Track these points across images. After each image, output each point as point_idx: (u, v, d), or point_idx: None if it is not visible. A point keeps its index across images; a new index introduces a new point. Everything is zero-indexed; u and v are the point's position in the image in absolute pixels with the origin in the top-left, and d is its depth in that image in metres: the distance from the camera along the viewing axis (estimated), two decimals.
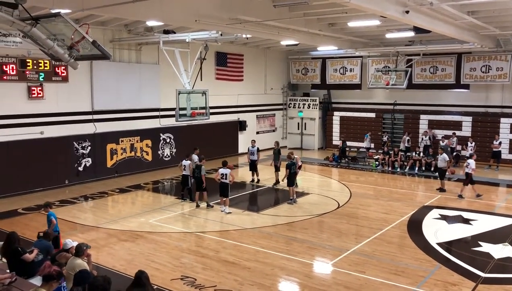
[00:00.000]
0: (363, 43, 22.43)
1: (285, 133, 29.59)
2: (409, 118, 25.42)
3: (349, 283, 9.25)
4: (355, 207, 15.26)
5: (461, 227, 13.12)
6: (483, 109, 23.66)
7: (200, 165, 14.79)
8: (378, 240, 11.87)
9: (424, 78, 24.67)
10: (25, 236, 11.20)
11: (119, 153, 19.78)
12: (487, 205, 15.46)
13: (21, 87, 16.30)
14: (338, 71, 27.58)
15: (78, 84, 17.90)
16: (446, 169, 17.49)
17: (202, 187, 14.80)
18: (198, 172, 14.74)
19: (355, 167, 22.73)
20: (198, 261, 10.45)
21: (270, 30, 16.29)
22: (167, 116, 20.87)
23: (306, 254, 10.92)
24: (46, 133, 17.10)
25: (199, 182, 14.76)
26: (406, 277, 9.54)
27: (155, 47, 19.78)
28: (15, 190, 16.16)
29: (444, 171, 17.48)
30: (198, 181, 14.78)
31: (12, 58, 15.81)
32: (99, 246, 11.34)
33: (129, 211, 14.78)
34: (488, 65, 22.65)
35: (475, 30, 17.52)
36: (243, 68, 25.76)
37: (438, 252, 11.06)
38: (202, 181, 14.69)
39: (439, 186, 17.50)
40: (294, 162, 15.67)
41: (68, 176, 17.91)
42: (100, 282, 4.77)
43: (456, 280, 9.39)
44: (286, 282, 9.50)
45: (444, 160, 17.40)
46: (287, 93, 29.62)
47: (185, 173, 15.51)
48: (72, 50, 7.68)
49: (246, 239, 11.96)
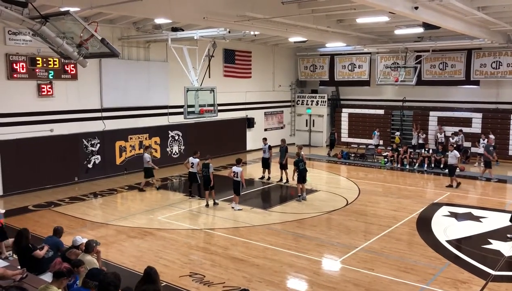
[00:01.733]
0: (371, 40, 22.31)
1: (293, 130, 29.55)
2: (418, 115, 25.26)
3: (357, 280, 9.23)
4: (363, 204, 15.21)
5: (470, 224, 13.04)
6: (494, 106, 23.44)
7: (208, 163, 14.80)
8: (387, 237, 11.83)
9: (433, 74, 24.50)
10: (35, 232, 11.30)
11: (128, 150, 19.88)
12: (497, 202, 15.34)
13: (31, 85, 16.43)
14: (346, 68, 27.47)
15: (87, 82, 18.01)
16: (456, 165, 17.38)
17: (210, 185, 14.82)
18: (206, 170, 14.76)
19: (364, 164, 22.66)
20: (207, 258, 10.48)
21: (278, 27, 16.25)
22: (175, 113, 20.93)
23: (315, 251, 10.91)
24: (56, 131, 17.23)
25: (208, 180, 14.78)
26: (415, 274, 9.50)
27: (164, 44, 19.82)
28: (26, 187, 16.30)
29: (455, 168, 17.36)
30: (207, 179, 14.80)
31: (22, 57, 15.94)
32: (109, 242, 11.42)
33: (138, 208, 14.86)
34: (499, 61, 22.43)
35: (485, 26, 17.35)
36: (251, 65, 25.75)
37: (447, 250, 11.00)
38: (210, 179, 14.71)
39: (449, 183, 17.39)
40: (301, 159, 15.64)
41: (78, 173, 18.03)
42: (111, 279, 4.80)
43: (466, 277, 9.33)
44: (295, 279, 9.50)
45: (455, 157, 17.29)
46: (295, 90, 29.55)
47: (192, 170, 15.53)
48: (81, 48, 7.73)
49: (254, 236, 11.98)
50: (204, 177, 14.90)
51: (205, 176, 14.80)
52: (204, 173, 14.81)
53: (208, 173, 14.68)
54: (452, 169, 17.37)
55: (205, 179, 14.84)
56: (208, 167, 14.71)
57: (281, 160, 18.17)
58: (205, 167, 14.80)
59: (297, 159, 15.65)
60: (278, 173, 18.38)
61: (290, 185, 17.47)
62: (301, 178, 15.55)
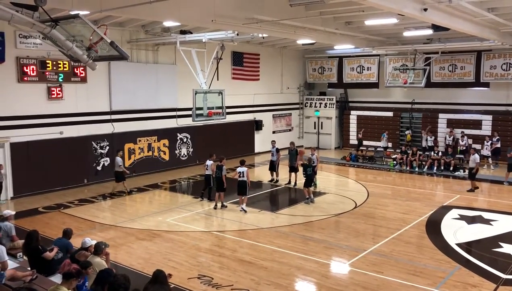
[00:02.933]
0: (380, 42, 22.23)
1: (301, 133, 29.50)
2: (428, 117, 25.11)
3: (366, 283, 9.18)
4: (372, 206, 15.14)
5: (481, 228, 12.91)
6: (504, 108, 23.23)
7: (221, 165, 14.82)
8: (396, 240, 11.75)
9: (442, 76, 24.35)
10: (45, 234, 11.38)
11: (137, 152, 19.97)
12: (507, 205, 15.18)
13: (41, 88, 16.57)
14: (355, 70, 27.40)
15: (96, 84, 18.14)
16: (476, 169, 17.10)
17: (223, 187, 14.81)
18: (219, 172, 14.77)
19: (373, 166, 22.56)
20: (215, 260, 10.49)
21: (286, 29, 16.25)
22: (184, 116, 21.01)
23: (323, 254, 10.87)
24: (66, 133, 17.35)
25: (220, 182, 14.79)
26: (424, 278, 9.43)
27: (172, 47, 19.91)
28: (36, 189, 16.44)
29: (475, 172, 17.12)
30: (219, 181, 14.81)
31: (33, 60, 16.09)
32: (117, 244, 11.46)
33: (147, 210, 14.91)
34: (509, 63, 22.23)
35: (495, 28, 17.20)
36: (259, 67, 25.76)
37: (457, 253, 10.90)
38: (223, 181, 14.71)
39: (470, 187, 17.16)
40: (310, 164, 15.62)
41: (87, 175, 18.15)
42: (122, 281, 4.83)
43: (476, 281, 9.24)
44: (303, 282, 9.47)
45: (474, 161, 17.03)
46: (304, 92, 29.52)
47: (208, 172, 15.60)
48: (91, 51, 7.79)
49: (262, 238, 11.96)
50: (216, 179, 14.91)
51: (218, 177, 14.81)
52: (217, 174, 14.82)
53: (221, 175, 14.70)
54: (471, 172, 17.14)
55: (218, 181, 14.85)
56: (222, 169, 14.75)
57: (291, 163, 18.13)
58: (218, 169, 14.82)
59: (306, 164, 15.63)
60: (287, 175, 18.34)
61: (299, 188, 17.45)
62: (308, 182, 15.55)
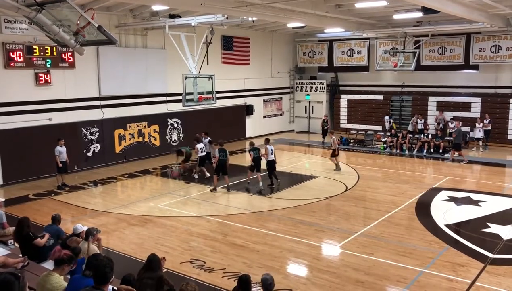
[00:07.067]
0: (370, 25, 22.17)
1: (292, 117, 29.51)
2: (418, 100, 25.22)
3: (357, 265, 9.30)
4: (363, 189, 15.27)
5: (469, 209, 13.10)
6: (493, 90, 23.40)
7: (225, 149, 14.92)
8: (386, 222, 11.89)
9: (432, 59, 24.40)
10: (36, 221, 11.34)
11: (127, 138, 19.87)
12: (496, 186, 15.40)
13: (29, 74, 16.35)
14: (345, 54, 27.34)
15: (85, 70, 17.93)
16: None
17: (226, 171, 14.90)
18: (223, 154, 14.77)
19: (363, 149, 22.68)
20: (207, 244, 10.54)
21: (276, 12, 16.14)
22: (174, 101, 20.87)
23: (314, 236, 10.97)
24: (55, 120, 17.20)
25: (224, 165, 14.82)
26: (414, 258, 9.57)
27: (161, 32, 19.68)
28: (25, 176, 16.34)
29: None
30: (223, 163, 14.82)
31: (19, 45, 15.84)
32: (109, 230, 11.47)
33: (138, 195, 14.91)
34: (498, 45, 22.32)
35: (485, 10, 17.23)
36: (249, 52, 25.61)
37: (446, 234, 11.06)
38: (226, 164, 14.83)
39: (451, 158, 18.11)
40: (256, 147, 15.45)
41: (77, 162, 18.02)
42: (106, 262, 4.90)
43: (464, 261, 9.40)
44: (295, 264, 9.57)
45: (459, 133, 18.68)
46: (294, 76, 29.45)
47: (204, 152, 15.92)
48: (78, 36, 7.70)
49: (254, 222, 12.04)
50: (220, 161, 14.87)
51: (221, 160, 14.82)
52: (221, 157, 14.81)
53: (225, 157, 14.75)
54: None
55: (221, 163, 14.85)
56: (225, 152, 14.81)
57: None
58: (221, 151, 14.84)
59: (252, 147, 15.50)
60: None
61: (290, 172, 17.51)
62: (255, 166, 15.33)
